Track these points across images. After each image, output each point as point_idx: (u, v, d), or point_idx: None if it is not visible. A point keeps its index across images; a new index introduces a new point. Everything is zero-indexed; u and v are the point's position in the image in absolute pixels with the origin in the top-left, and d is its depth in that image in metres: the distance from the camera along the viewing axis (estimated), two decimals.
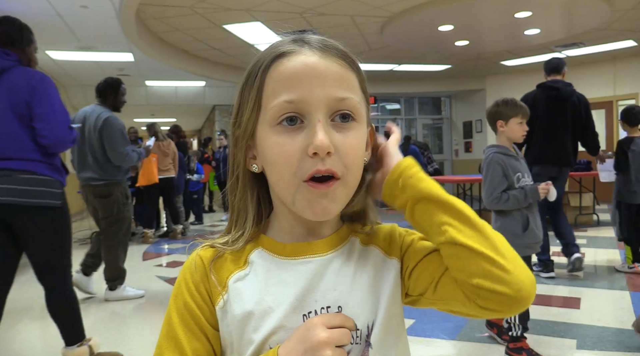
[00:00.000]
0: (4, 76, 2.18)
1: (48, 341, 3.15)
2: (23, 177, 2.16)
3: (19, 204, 2.15)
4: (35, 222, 2.21)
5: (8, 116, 2.15)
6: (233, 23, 6.71)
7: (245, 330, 0.62)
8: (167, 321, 0.64)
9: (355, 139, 0.61)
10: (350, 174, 0.61)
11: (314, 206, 0.60)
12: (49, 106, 2.20)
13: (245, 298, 0.63)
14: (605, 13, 6.81)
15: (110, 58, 8.03)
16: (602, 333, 2.80)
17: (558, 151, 4.06)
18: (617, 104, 10.19)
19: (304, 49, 0.61)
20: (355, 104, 0.61)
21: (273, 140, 0.60)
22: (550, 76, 4.27)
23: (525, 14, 6.76)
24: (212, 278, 0.64)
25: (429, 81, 11.49)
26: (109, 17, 5.86)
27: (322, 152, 0.57)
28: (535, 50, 9.04)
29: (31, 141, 2.20)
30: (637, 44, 8.70)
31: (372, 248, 0.69)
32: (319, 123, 0.58)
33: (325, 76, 0.59)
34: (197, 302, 0.64)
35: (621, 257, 4.80)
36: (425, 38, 7.96)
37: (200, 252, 0.67)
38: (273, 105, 0.60)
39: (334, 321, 0.59)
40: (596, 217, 7.09)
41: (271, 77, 0.61)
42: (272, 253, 0.66)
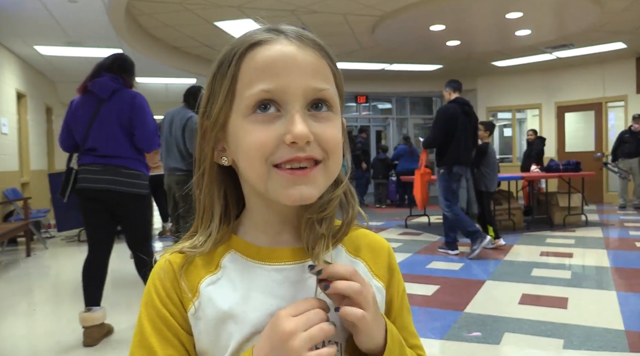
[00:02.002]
0: (114, 95, 2.88)
1: (32, 340, 3.11)
2: (124, 172, 2.85)
3: (120, 191, 2.84)
4: (132, 205, 2.91)
5: (116, 126, 2.84)
6: (224, 20, 6.67)
7: (219, 336, 0.60)
8: (138, 330, 0.62)
9: (334, 128, 0.60)
10: (331, 160, 0.59)
11: (290, 189, 0.57)
12: (144, 120, 2.89)
13: (218, 304, 0.60)
14: (596, 15, 6.85)
15: (100, 54, 7.92)
16: (589, 333, 2.81)
17: (468, 154, 5.03)
18: (606, 105, 10.28)
19: (281, 38, 0.59)
20: (332, 95, 0.60)
21: (247, 128, 0.58)
22: (455, 93, 5.19)
23: (516, 15, 6.79)
24: (183, 284, 0.62)
25: (421, 81, 11.51)
26: (98, 13, 5.80)
27: (301, 141, 0.55)
28: (526, 51, 9.09)
29: (130, 145, 2.89)
30: (626, 46, 8.77)
31: (359, 262, 0.67)
32: (297, 113, 0.56)
33: (304, 65, 0.58)
34: (168, 309, 0.61)
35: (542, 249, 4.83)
36: (416, 37, 7.97)
37: (169, 257, 0.64)
38: (249, 94, 0.57)
39: (300, 308, 0.55)
40: (584, 217, 7.14)
41: (247, 66, 0.59)
42: (246, 256, 0.64)
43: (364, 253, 0.68)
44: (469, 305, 3.41)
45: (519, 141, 12.12)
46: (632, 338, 2.71)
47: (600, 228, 6.76)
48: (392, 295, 0.69)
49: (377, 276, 0.67)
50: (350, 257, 0.67)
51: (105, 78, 2.89)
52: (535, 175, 7.49)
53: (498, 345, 2.70)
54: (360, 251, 0.68)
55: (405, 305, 0.71)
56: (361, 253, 0.68)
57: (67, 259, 5.62)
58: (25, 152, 7.98)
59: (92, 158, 2.85)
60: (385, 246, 0.71)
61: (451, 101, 5.10)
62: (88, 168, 2.85)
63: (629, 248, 5.33)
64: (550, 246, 5.54)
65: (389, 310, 0.68)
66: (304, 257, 0.62)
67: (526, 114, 12.60)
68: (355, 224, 0.69)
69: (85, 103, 2.89)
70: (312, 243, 0.62)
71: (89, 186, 2.83)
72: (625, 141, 8.84)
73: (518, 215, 6.92)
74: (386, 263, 0.69)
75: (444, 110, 5.08)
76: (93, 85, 2.88)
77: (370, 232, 0.72)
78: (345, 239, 0.67)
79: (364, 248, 0.69)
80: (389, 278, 0.69)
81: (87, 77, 2.94)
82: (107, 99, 2.86)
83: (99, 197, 2.85)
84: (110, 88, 2.87)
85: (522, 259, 4.87)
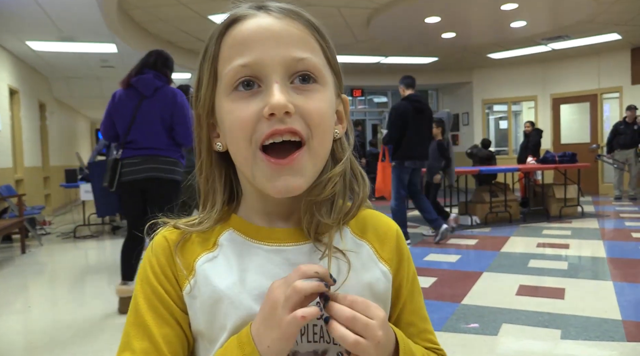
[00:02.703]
0: (157, 92, 3.07)
1: (27, 336, 3.09)
2: (163, 159, 3.11)
3: (159, 177, 3.09)
4: (165, 190, 3.13)
5: (157, 120, 3.07)
6: (218, 14, 6.62)
7: (216, 315, 0.57)
8: (133, 307, 0.60)
9: (320, 101, 0.56)
10: (316, 139, 0.56)
11: (275, 181, 0.55)
12: (184, 116, 3.10)
13: (215, 282, 0.58)
14: (591, 6, 6.84)
15: (92, 49, 7.88)
16: (586, 323, 2.81)
17: (423, 149, 5.27)
18: (601, 97, 10.28)
19: (260, 12, 0.58)
20: (315, 64, 0.57)
21: (229, 108, 0.56)
22: (408, 90, 5.30)
23: (512, 6, 6.77)
24: (178, 261, 0.60)
25: (416, 74, 11.30)
26: (90, 7, 5.74)
27: (279, 112, 0.53)
28: (522, 42, 9.07)
29: (168, 138, 3.12)
30: (621, 37, 8.76)
31: (364, 244, 0.64)
32: (276, 84, 0.54)
33: (281, 36, 0.56)
34: (164, 286, 0.59)
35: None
36: (411, 30, 7.94)
37: (165, 233, 0.63)
38: (227, 71, 0.56)
39: (291, 278, 0.52)
40: (580, 209, 7.16)
41: (225, 44, 0.58)
42: (244, 235, 0.62)
43: (370, 235, 0.65)
44: (466, 296, 3.41)
45: (515, 133, 12.13)
46: (629, 328, 2.72)
47: (596, 219, 6.78)
48: (401, 279, 0.66)
49: (383, 259, 0.64)
50: (355, 238, 0.64)
51: (149, 75, 3.06)
52: (531, 167, 7.50)
53: (496, 336, 2.70)
54: (366, 233, 0.65)
55: (416, 289, 0.69)
56: (367, 234, 0.65)
57: (63, 256, 5.58)
58: (18, 148, 7.92)
59: (132, 151, 3.08)
60: (394, 228, 0.68)
61: (404, 98, 5.29)
62: (130, 161, 3.08)
63: (625, 238, 5.35)
64: (546, 237, 5.55)
65: (397, 294, 0.66)
66: (302, 239, 0.61)
67: (522, 106, 12.61)
68: (364, 205, 0.66)
69: (128, 98, 3.07)
70: (314, 228, 0.60)
71: (134, 178, 3.08)
72: (621, 133, 8.86)
73: (514, 207, 6.93)
74: (394, 246, 0.66)
75: (395, 108, 5.31)
76: (137, 81, 3.06)
77: (378, 213, 0.69)
78: (352, 219, 0.64)
79: (370, 229, 0.66)
80: (398, 261, 0.66)
81: (131, 72, 3.11)
82: (149, 95, 3.05)
83: (142, 186, 3.11)
84: (153, 86, 3.07)
85: (519, 250, 4.88)
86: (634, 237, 5.34)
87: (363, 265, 0.62)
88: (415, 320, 0.67)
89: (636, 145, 8.73)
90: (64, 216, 9.31)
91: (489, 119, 13.03)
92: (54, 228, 7.70)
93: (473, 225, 6.44)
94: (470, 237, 5.68)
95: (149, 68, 3.10)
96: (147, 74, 3.07)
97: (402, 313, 0.67)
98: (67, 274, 4.86)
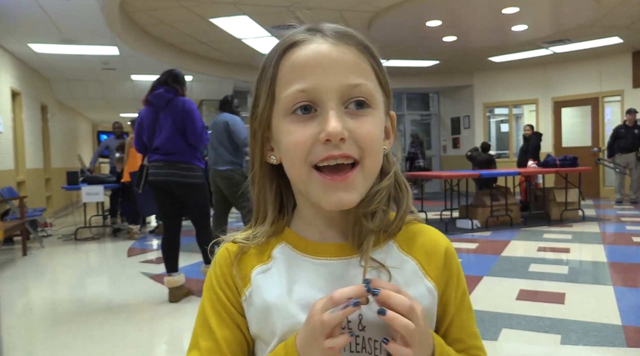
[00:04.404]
0: (169, 104, 3.52)
1: (29, 338, 3.09)
2: (181, 165, 3.51)
3: (178, 181, 3.50)
4: (188, 191, 3.56)
5: (173, 128, 3.50)
6: (219, 16, 6.64)
7: (266, 322, 0.63)
8: (200, 311, 0.68)
9: (372, 125, 0.60)
10: (368, 159, 0.59)
11: (329, 197, 0.59)
12: (193, 119, 3.51)
13: (264, 293, 0.64)
14: (592, 10, 6.85)
15: (94, 51, 7.91)
16: (587, 328, 2.81)
17: None
18: (602, 100, 10.28)
19: (316, 37, 0.61)
20: (369, 90, 0.60)
21: (286, 128, 0.60)
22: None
23: (513, 10, 6.78)
24: (236, 272, 0.67)
25: (417, 77, 11.50)
26: (92, 9, 5.76)
27: (334, 138, 0.56)
28: (523, 46, 9.08)
29: (184, 143, 3.53)
30: (623, 40, 8.76)
31: (410, 259, 0.65)
32: (332, 110, 0.58)
33: (337, 63, 0.59)
34: (225, 293, 0.67)
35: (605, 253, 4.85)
36: (413, 33, 7.95)
37: (227, 246, 0.70)
38: (286, 95, 0.60)
39: (326, 305, 0.56)
40: (581, 212, 7.15)
41: (284, 67, 0.61)
42: (295, 249, 0.67)
43: (417, 250, 0.67)
44: None
45: (516, 137, 12.13)
46: (630, 333, 2.72)
47: (597, 223, 6.77)
48: (449, 296, 0.67)
49: (429, 276, 0.65)
50: (402, 254, 0.66)
51: (161, 90, 3.53)
52: (532, 170, 7.49)
53: (496, 341, 2.70)
54: (413, 249, 0.67)
55: (465, 306, 0.69)
56: (414, 250, 0.66)
57: (64, 258, 5.59)
58: (20, 150, 7.94)
59: (157, 156, 3.54)
60: (443, 245, 0.69)
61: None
62: (154, 164, 3.55)
63: (626, 242, 5.34)
64: (547, 241, 5.55)
65: (444, 311, 0.67)
66: (349, 253, 0.64)
67: (523, 109, 12.61)
68: (414, 219, 0.69)
69: (148, 112, 3.58)
70: (359, 239, 0.63)
71: (156, 179, 3.53)
72: (621, 136, 8.84)
73: (515, 211, 6.93)
74: (441, 263, 0.67)
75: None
76: (152, 97, 3.55)
77: (429, 228, 0.71)
78: (400, 234, 0.67)
79: (418, 245, 0.67)
80: (446, 279, 0.67)
81: (148, 91, 3.61)
82: (163, 107, 3.52)
83: (164, 187, 3.53)
84: (165, 98, 3.52)
85: (520, 254, 4.87)
86: (634, 241, 5.33)
87: (406, 281, 0.63)
88: (463, 336, 0.68)
89: (637, 149, 8.71)
90: (65, 218, 9.32)
91: (490, 122, 13.04)
92: (55, 230, 7.70)
93: (474, 229, 6.44)
94: (471, 241, 5.68)
95: (161, 85, 3.58)
96: (159, 89, 3.55)
97: (449, 329, 0.68)
98: (69, 276, 4.87)
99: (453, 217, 7.10)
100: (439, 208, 7.65)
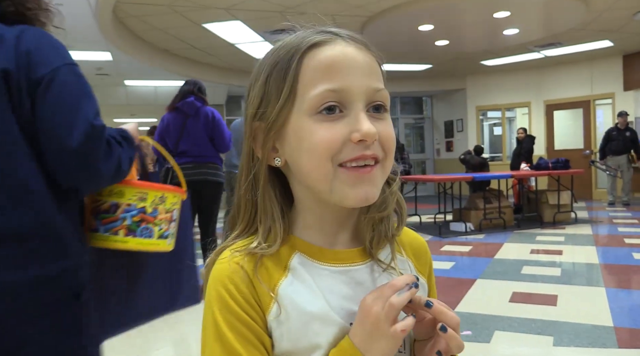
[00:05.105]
0: (199, 111, 3.88)
1: None
2: (210, 165, 3.90)
3: (211, 180, 3.89)
4: (214, 190, 3.95)
5: (203, 134, 3.86)
6: (212, 22, 6.65)
7: (306, 335, 0.60)
8: (217, 336, 0.60)
9: (389, 127, 0.62)
10: (387, 160, 0.62)
11: (357, 188, 0.59)
12: (222, 130, 3.94)
13: (302, 306, 0.61)
14: (582, 13, 6.91)
15: (87, 57, 7.89)
16: (578, 330, 2.83)
17: None
18: (594, 103, 10.37)
19: (338, 39, 0.62)
20: (387, 95, 0.63)
21: (311, 128, 0.59)
22: None
23: (504, 14, 6.83)
24: (260, 288, 0.61)
25: (410, 81, 11.55)
26: (85, 15, 5.75)
27: (370, 139, 0.58)
28: (514, 50, 9.15)
29: (211, 146, 3.91)
30: (613, 44, 8.85)
31: (407, 261, 0.69)
32: (362, 112, 0.59)
33: (364, 66, 0.60)
34: (249, 313, 0.60)
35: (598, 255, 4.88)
36: (405, 38, 7.99)
37: (237, 260, 0.63)
38: (314, 94, 0.58)
39: (385, 292, 0.58)
40: (574, 215, 7.20)
41: (307, 66, 0.60)
42: (311, 258, 0.64)
43: (407, 251, 0.70)
44: (459, 304, 3.43)
45: (509, 140, 12.20)
46: (621, 334, 2.74)
47: (590, 225, 6.82)
48: (429, 289, 0.72)
49: (421, 273, 0.70)
50: (399, 256, 0.68)
51: (192, 99, 3.87)
52: (524, 173, 7.54)
53: (488, 343, 2.71)
54: (405, 249, 0.70)
55: (434, 296, 0.74)
56: (406, 251, 0.70)
57: None
58: None
59: (186, 158, 3.80)
60: (424, 242, 0.74)
61: None
62: (185, 166, 3.72)
63: (618, 244, 5.38)
64: (540, 243, 5.58)
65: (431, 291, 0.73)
66: (363, 258, 0.66)
67: (515, 112, 12.68)
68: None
69: (176, 118, 3.89)
70: (373, 244, 0.65)
71: (190, 179, 3.58)
72: (613, 139, 8.90)
73: (508, 213, 6.96)
74: (429, 261, 0.73)
75: None
76: (182, 105, 3.86)
77: (408, 229, 0.74)
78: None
79: (407, 246, 0.71)
80: (428, 273, 0.72)
81: (175, 98, 3.94)
82: (193, 115, 3.85)
83: (196, 187, 3.69)
84: (195, 107, 3.87)
85: (513, 257, 4.90)
86: (626, 243, 5.37)
87: None
88: None
89: (628, 151, 8.79)
90: None
91: (483, 125, 13.10)
92: None
93: (467, 232, 6.46)
94: (464, 244, 5.70)
95: (191, 94, 3.92)
96: (189, 98, 3.87)
97: None
98: None
99: (447, 220, 7.13)
100: (432, 211, 7.68)
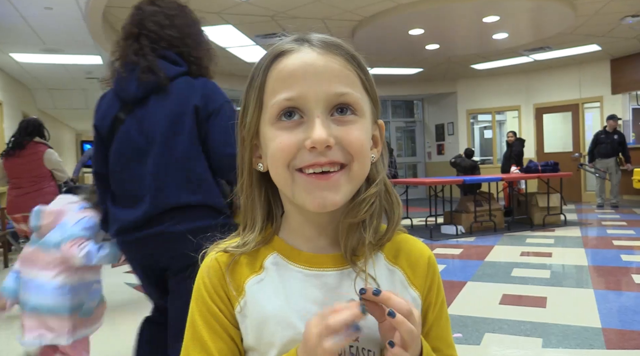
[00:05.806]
0: None
1: (10, 352, 3.05)
2: None
3: None
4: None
5: None
6: (203, 26, 6.63)
7: (264, 333, 0.62)
8: (190, 323, 0.66)
9: (359, 131, 0.61)
10: (356, 164, 0.60)
11: (313, 196, 0.59)
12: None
13: (262, 304, 0.63)
14: (570, 18, 6.99)
15: (77, 61, 7.86)
16: (567, 331, 2.86)
17: None
18: (582, 106, 10.47)
19: (304, 46, 0.62)
20: (355, 98, 0.61)
21: (273, 135, 0.61)
22: None
23: (493, 19, 6.90)
24: (229, 283, 0.65)
25: (402, 85, 11.61)
26: (75, 19, 5.73)
27: (320, 146, 0.57)
28: (504, 54, 9.23)
29: None
30: (601, 48, 8.95)
31: (397, 270, 0.67)
32: (318, 118, 0.59)
33: (324, 72, 0.60)
34: (217, 305, 0.65)
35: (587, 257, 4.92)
36: (396, 42, 8.04)
37: (216, 256, 0.67)
38: (273, 103, 0.60)
39: (326, 314, 0.57)
40: (563, 217, 7.26)
41: (271, 76, 0.62)
42: (287, 259, 0.66)
43: (402, 260, 0.68)
44: (450, 306, 3.44)
45: (499, 143, 12.29)
46: (609, 335, 2.77)
47: (579, 227, 6.87)
48: (429, 304, 0.69)
49: (414, 285, 0.67)
50: (389, 264, 0.67)
51: None
52: (514, 176, 7.59)
53: (479, 345, 2.73)
54: (399, 258, 0.68)
55: (444, 315, 0.71)
56: (400, 260, 0.68)
57: None
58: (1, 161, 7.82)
59: None
60: (426, 254, 0.71)
61: None
62: None
63: (606, 246, 5.43)
64: (530, 246, 5.62)
65: (423, 319, 0.68)
66: (341, 264, 0.65)
67: (506, 116, 12.78)
68: (399, 229, 0.69)
69: None
70: (350, 250, 0.64)
71: None
72: (601, 142, 8.99)
73: (499, 216, 7.00)
74: (425, 272, 0.69)
75: None
76: None
77: (411, 238, 0.72)
78: (387, 244, 0.68)
79: (403, 255, 0.69)
80: (428, 287, 0.69)
81: None
82: None
83: None
84: None
85: (503, 259, 4.93)
86: (615, 245, 5.43)
87: (395, 291, 0.64)
88: (441, 346, 0.69)
89: (617, 154, 8.88)
90: None
91: (474, 128, 13.19)
92: None
93: (458, 235, 6.50)
94: (455, 246, 5.72)
95: None
96: None
97: (427, 338, 0.68)
98: None
99: (438, 223, 7.16)
100: (424, 214, 7.71)
